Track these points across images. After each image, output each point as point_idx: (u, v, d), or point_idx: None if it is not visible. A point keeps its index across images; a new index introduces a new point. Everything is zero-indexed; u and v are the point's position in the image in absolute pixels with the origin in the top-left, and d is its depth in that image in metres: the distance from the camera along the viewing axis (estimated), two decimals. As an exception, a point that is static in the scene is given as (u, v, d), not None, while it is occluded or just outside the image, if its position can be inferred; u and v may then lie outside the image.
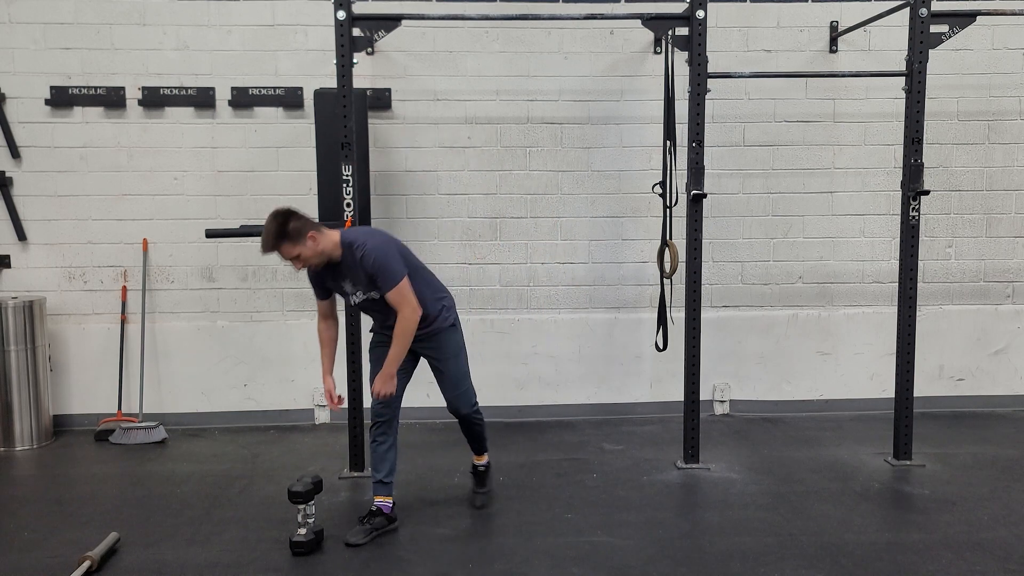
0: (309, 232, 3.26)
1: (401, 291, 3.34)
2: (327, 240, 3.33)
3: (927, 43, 4.20)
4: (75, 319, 5.17)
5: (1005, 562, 3.28)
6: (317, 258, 3.32)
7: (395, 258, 3.35)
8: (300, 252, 3.26)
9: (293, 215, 3.26)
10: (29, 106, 5.03)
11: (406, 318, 3.36)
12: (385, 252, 3.33)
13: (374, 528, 3.56)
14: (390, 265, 3.31)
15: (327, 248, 3.33)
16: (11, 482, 4.35)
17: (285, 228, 3.22)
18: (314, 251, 3.29)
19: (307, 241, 3.26)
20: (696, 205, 4.22)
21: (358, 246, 3.32)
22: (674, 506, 3.94)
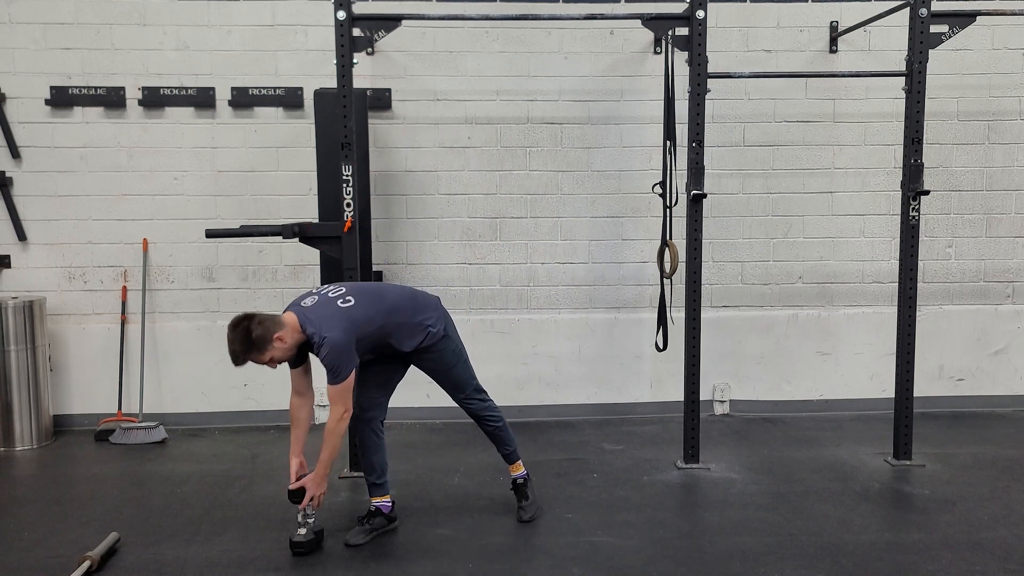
0: (275, 335, 3.20)
1: (339, 391, 3.26)
2: (291, 334, 3.24)
3: (927, 43, 4.20)
4: (75, 319, 5.17)
5: (1005, 562, 3.28)
6: (290, 353, 3.29)
7: (347, 355, 3.25)
8: (272, 356, 3.23)
9: (252, 322, 3.18)
10: (29, 106, 5.03)
11: (335, 417, 3.29)
12: (339, 350, 3.22)
13: (374, 528, 3.55)
14: (340, 363, 3.23)
15: (295, 340, 3.26)
16: (11, 482, 4.35)
17: (250, 340, 3.17)
18: (284, 351, 3.25)
19: (274, 343, 3.20)
20: (696, 205, 4.22)
21: (317, 338, 3.23)
22: (674, 506, 3.94)
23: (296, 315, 3.30)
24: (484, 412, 3.70)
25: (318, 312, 3.30)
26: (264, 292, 5.23)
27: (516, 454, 3.78)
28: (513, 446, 3.77)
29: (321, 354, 3.25)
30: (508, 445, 3.76)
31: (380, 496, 3.62)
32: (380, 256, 5.20)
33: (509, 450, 3.76)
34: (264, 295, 5.23)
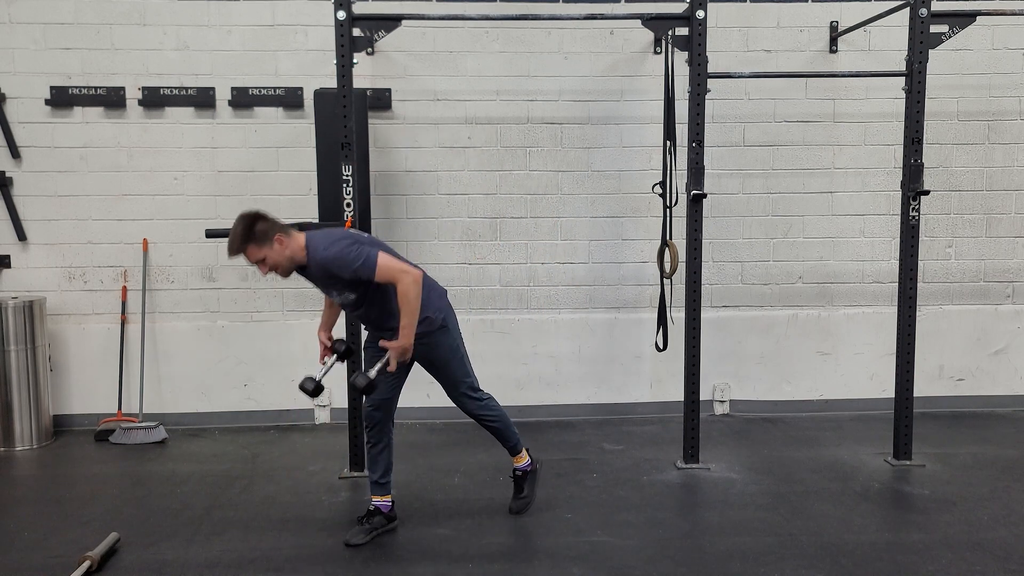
0: (276, 235, 3.16)
1: (384, 267, 3.19)
2: (294, 243, 3.20)
3: (927, 43, 4.20)
4: (75, 319, 5.17)
5: (1005, 562, 3.28)
6: (285, 262, 3.21)
7: (358, 247, 3.20)
8: (266, 255, 3.16)
9: (261, 217, 3.18)
10: (29, 106, 5.03)
11: (405, 285, 3.19)
12: (347, 249, 3.18)
13: (373, 528, 3.55)
14: (361, 257, 3.17)
15: (294, 252, 3.21)
16: (11, 482, 4.35)
17: (252, 230, 3.13)
18: (280, 255, 3.18)
19: (274, 244, 3.16)
20: (696, 205, 4.22)
21: (322, 250, 3.19)
22: (674, 506, 3.94)
23: (305, 236, 3.27)
24: (479, 411, 3.68)
25: (326, 232, 3.33)
26: (264, 292, 5.23)
27: (519, 447, 3.78)
28: (514, 440, 3.76)
29: (334, 267, 3.17)
30: (508, 440, 3.76)
31: (381, 496, 3.62)
32: (380, 256, 5.19)
33: (510, 444, 3.77)
34: (264, 295, 5.23)
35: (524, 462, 3.81)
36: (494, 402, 3.73)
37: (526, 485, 3.81)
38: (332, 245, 3.21)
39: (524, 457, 3.81)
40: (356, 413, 4.27)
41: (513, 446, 3.78)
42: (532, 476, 3.83)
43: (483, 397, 3.69)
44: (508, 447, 3.78)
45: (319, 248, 3.20)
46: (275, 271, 3.22)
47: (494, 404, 3.72)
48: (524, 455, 3.81)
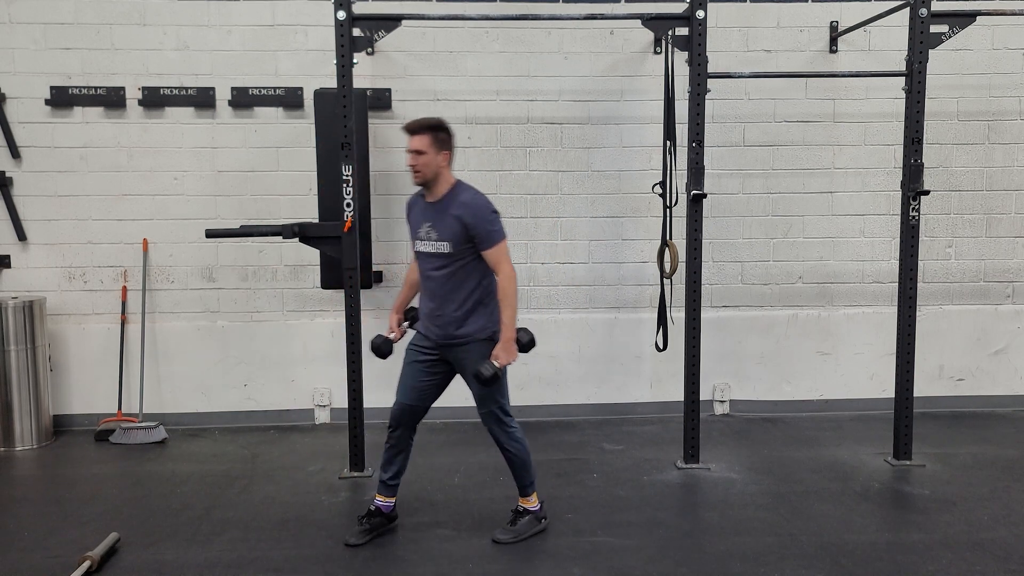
0: (445, 151, 3.34)
1: (499, 252, 3.32)
2: (447, 171, 3.37)
3: (927, 43, 4.20)
4: (75, 319, 5.17)
5: (1005, 562, 3.28)
6: (432, 172, 3.32)
7: (498, 220, 3.35)
8: (428, 153, 3.29)
9: (450, 131, 3.37)
10: (29, 106, 5.03)
11: (506, 277, 3.31)
12: (491, 211, 3.32)
13: (372, 528, 3.54)
14: (495, 223, 3.32)
15: (442, 175, 3.35)
16: (11, 482, 4.35)
17: (438, 130, 3.32)
18: (436, 164, 3.32)
19: (440, 154, 3.32)
20: (696, 205, 4.22)
21: (470, 198, 3.32)
22: (674, 506, 3.94)
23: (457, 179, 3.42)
24: (501, 437, 3.50)
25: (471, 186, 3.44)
26: (264, 292, 5.23)
27: (531, 489, 3.58)
28: (529, 481, 3.56)
29: (472, 215, 3.27)
30: (522, 479, 3.56)
31: (386, 496, 3.59)
32: (380, 256, 5.20)
33: (523, 483, 3.57)
34: (264, 295, 5.23)
35: (531, 505, 3.59)
36: (520, 434, 3.54)
37: (522, 523, 3.56)
38: (483, 198, 3.36)
39: (533, 501, 3.60)
40: (356, 414, 4.27)
41: (525, 486, 3.58)
42: (533, 521, 3.57)
43: (511, 425, 3.51)
44: (519, 484, 3.58)
45: (468, 190, 3.37)
46: (420, 171, 3.32)
47: (520, 436, 3.53)
48: (534, 499, 3.60)
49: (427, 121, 3.35)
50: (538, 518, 3.60)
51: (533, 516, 3.58)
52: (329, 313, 5.23)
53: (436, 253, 3.35)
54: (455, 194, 3.33)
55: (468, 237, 3.29)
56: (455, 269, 3.34)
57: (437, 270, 3.37)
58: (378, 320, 5.23)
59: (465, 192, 3.35)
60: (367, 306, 5.06)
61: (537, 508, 3.61)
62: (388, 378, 5.20)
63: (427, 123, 3.33)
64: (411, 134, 3.33)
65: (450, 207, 3.30)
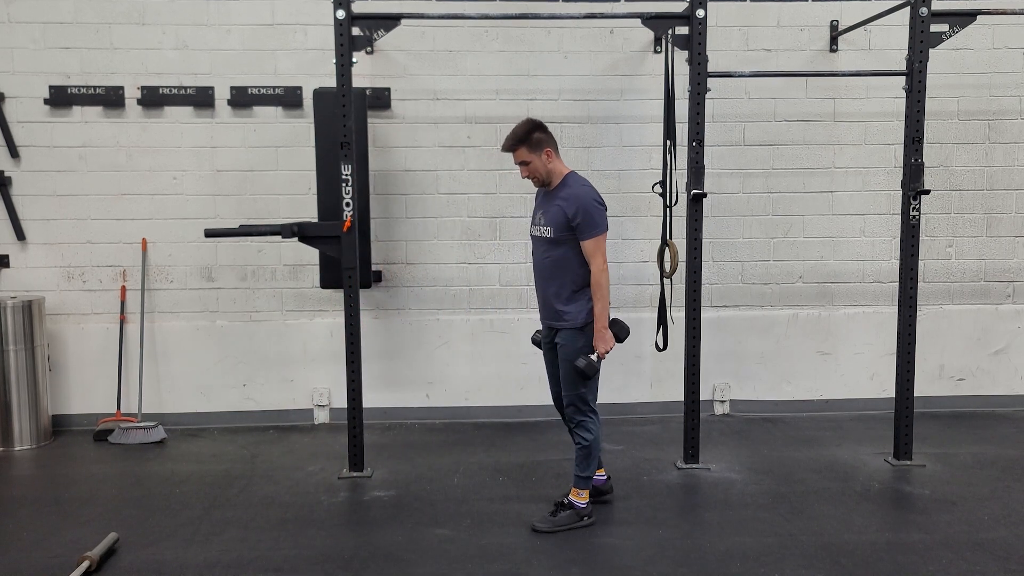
0: (546, 148, 3.53)
1: (598, 244, 3.51)
2: (557, 164, 3.58)
3: (927, 42, 4.19)
4: (74, 319, 5.16)
5: (1005, 562, 3.27)
6: (543, 174, 3.56)
7: (601, 214, 3.52)
8: (532, 161, 3.54)
9: (540, 127, 3.55)
10: (28, 106, 5.02)
11: (598, 269, 3.52)
12: (594, 204, 3.50)
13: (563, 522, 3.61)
14: (596, 216, 3.49)
15: (554, 170, 3.57)
16: (10, 482, 4.34)
17: (529, 135, 3.51)
18: (544, 166, 3.55)
19: (541, 155, 3.53)
20: (696, 205, 4.21)
21: (575, 191, 3.50)
22: (674, 506, 3.93)
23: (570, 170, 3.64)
24: (574, 424, 3.64)
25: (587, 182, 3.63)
26: (263, 292, 5.22)
27: (584, 484, 3.63)
28: (585, 474, 3.62)
29: (575, 208, 3.47)
30: (580, 470, 3.62)
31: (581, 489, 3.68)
32: (379, 256, 5.19)
33: (579, 475, 3.63)
34: (263, 295, 5.23)
35: (580, 501, 3.63)
36: (595, 428, 3.63)
37: (563, 515, 3.61)
38: (589, 190, 3.55)
39: (584, 497, 3.64)
40: (355, 414, 4.26)
41: (580, 479, 3.63)
42: (574, 516, 3.61)
43: (589, 415, 3.62)
44: (575, 475, 3.64)
45: (579, 182, 3.58)
46: (532, 177, 3.60)
47: (594, 429, 3.62)
48: (585, 496, 3.64)
49: (515, 134, 3.54)
50: (580, 515, 3.63)
51: (575, 512, 3.63)
52: (328, 313, 5.23)
53: (542, 237, 3.62)
54: (564, 185, 3.57)
55: (569, 226, 3.51)
56: (558, 255, 3.57)
57: (544, 254, 3.63)
58: (377, 320, 5.23)
59: (573, 183, 3.57)
60: (366, 306, 5.06)
61: (584, 505, 3.64)
62: (388, 378, 5.24)
63: (516, 136, 3.54)
64: (509, 152, 3.59)
65: (557, 196, 3.56)
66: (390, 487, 4.13)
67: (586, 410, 3.62)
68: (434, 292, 5.28)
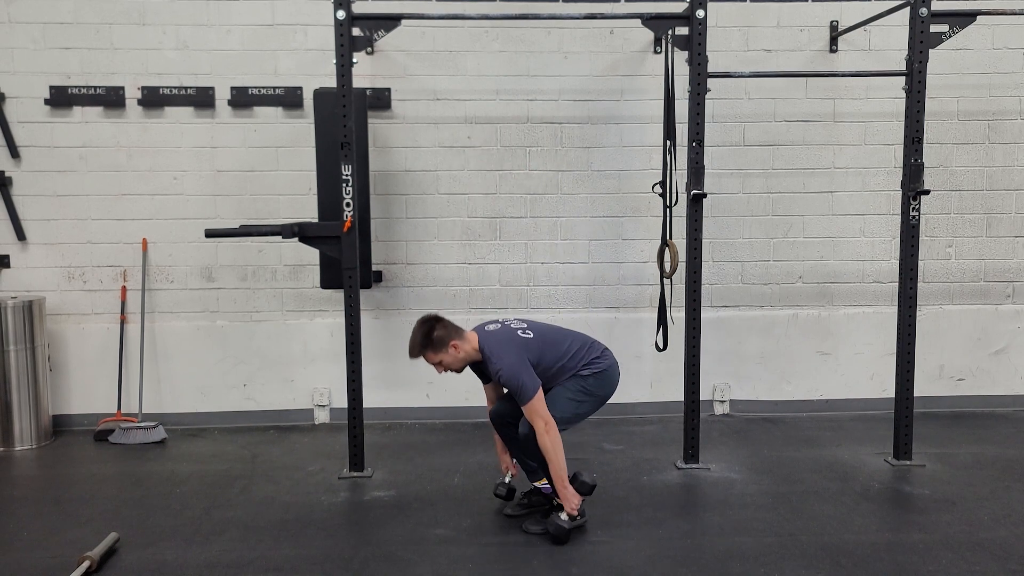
0: (451, 341, 3.50)
1: (531, 409, 3.42)
2: (467, 346, 3.53)
3: (927, 43, 4.19)
4: (74, 319, 5.16)
5: (1005, 562, 3.27)
6: (459, 364, 3.55)
7: (525, 374, 3.42)
8: (442, 359, 3.52)
9: (438, 324, 3.51)
10: (28, 106, 5.02)
11: (540, 433, 3.41)
12: (515, 371, 3.41)
13: (531, 504, 3.74)
14: (521, 383, 3.40)
15: (468, 354, 3.54)
16: (10, 482, 4.34)
17: (429, 337, 3.49)
18: (455, 358, 3.52)
19: (449, 349, 3.50)
20: (696, 205, 4.22)
21: (494, 360, 3.46)
22: (674, 506, 3.93)
23: (477, 334, 3.57)
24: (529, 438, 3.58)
25: (497, 336, 3.56)
26: (263, 292, 5.23)
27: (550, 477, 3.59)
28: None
29: (501, 378, 3.45)
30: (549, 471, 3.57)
31: (539, 480, 3.73)
32: (380, 256, 5.20)
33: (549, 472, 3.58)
34: (263, 295, 5.23)
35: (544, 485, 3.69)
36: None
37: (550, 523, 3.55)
38: (502, 359, 3.45)
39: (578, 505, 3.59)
40: (355, 414, 4.27)
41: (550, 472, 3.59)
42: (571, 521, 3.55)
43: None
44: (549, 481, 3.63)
45: (494, 351, 3.48)
46: (451, 370, 3.58)
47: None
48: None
49: (413, 343, 3.51)
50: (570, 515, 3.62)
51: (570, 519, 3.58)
52: (328, 313, 5.23)
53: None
54: (486, 357, 3.50)
55: None
56: None
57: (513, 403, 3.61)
58: (378, 320, 5.24)
59: (490, 353, 3.49)
60: (366, 306, 5.06)
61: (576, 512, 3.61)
62: (388, 378, 5.24)
63: (415, 344, 3.51)
64: (416, 359, 3.55)
65: (490, 366, 3.50)
66: (390, 487, 4.13)
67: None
68: (434, 292, 5.28)
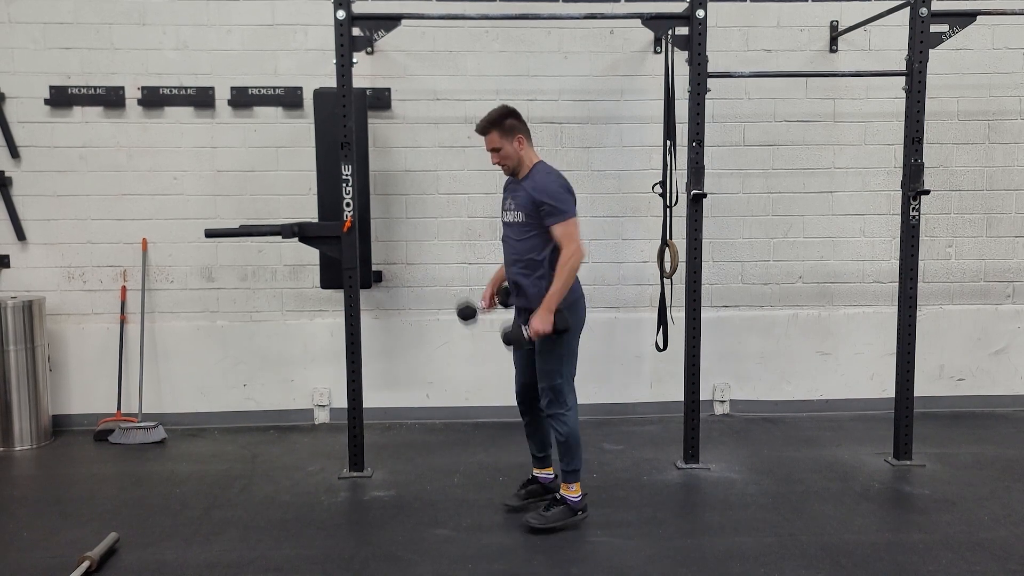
0: (519, 135, 3.52)
1: (566, 228, 3.43)
2: (528, 153, 3.57)
3: (927, 43, 4.19)
4: (74, 319, 5.16)
5: (1005, 562, 3.27)
6: (513, 161, 3.55)
7: (568, 199, 3.47)
8: (503, 147, 3.52)
9: (514, 114, 3.54)
10: (28, 106, 5.02)
11: (571, 254, 3.42)
12: (561, 190, 3.46)
13: (529, 494, 3.79)
14: (561, 201, 3.44)
15: (524, 158, 3.56)
16: (10, 482, 4.34)
17: (503, 120, 3.50)
18: (515, 152, 3.53)
19: (513, 141, 3.52)
20: (696, 205, 4.22)
21: (542, 180, 3.49)
22: (674, 506, 3.93)
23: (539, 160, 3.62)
24: (549, 416, 3.59)
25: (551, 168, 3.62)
26: (263, 292, 5.23)
27: (573, 477, 3.59)
28: (572, 468, 3.58)
29: (544, 195, 3.45)
30: (566, 465, 3.58)
31: (541, 469, 3.81)
32: (380, 256, 5.20)
33: (565, 470, 3.60)
34: (264, 295, 5.23)
35: (572, 495, 3.60)
36: (573, 420, 3.57)
37: (556, 511, 3.58)
38: (555, 177, 3.54)
39: (575, 491, 3.61)
40: (356, 414, 4.27)
41: (567, 473, 3.60)
42: (567, 511, 3.59)
43: (563, 408, 3.55)
44: (563, 470, 3.61)
45: (545, 170, 3.56)
46: (503, 163, 3.57)
47: (570, 422, 3.55)
48: (576, 489, 3.61)
49: (490, 116, 3.53)
50: (574, 510, 3.61)
51: (568, 507, 3.60)
52: (328, 313, 5.23)
53: (514, 223, 3.59)
54: (533, 173, 3.55)
55: (538, 212, 3.47)
56: (527, 237, 3.54)
57: (516, 237, 3.60)
58: (378, 320, 5.23)
59: (541, 171, 3.55)
60: (366, 306, 5.06)
61: (577, 499, 3.62)
62: (388, 378, 5.24)
63: (490, 118, 3.52)
64: (481, 135, 3.55)
65: (527, 183, 3.53)
66: (390, 487, 4.13)
67: (562, 401, 3.55)
68: (434, 292, 5.28)
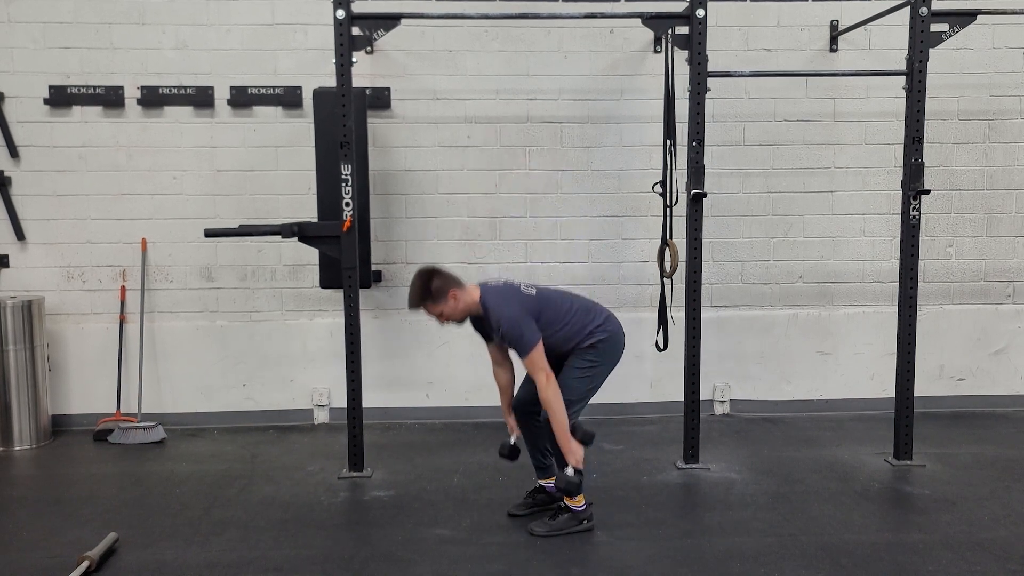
0: (450, 291, 3.43)
1: (531, 361, 3.41)
2: (468, 298, 3.48)
3: (927, 42, 4.19)
4: (74, 319, 5.16)
5: (1005, 562, 3.27)
6: (459, 315, 3.50)
7: (525, 326, 3.40)
8: (442, 310, 3.46)
9: (436, 275, 3.45)
10: (28, 105, 5.02)
11: (542, 386, 3.40)
12: (515, 322, 3.39)
13: (536, 503, 3.76)
14: (521, 334, 3.39)
15: (468, 306, 3.48)
16: (10, 482, 4.34)
17: (428, 287, 3.42)
18: (455, 309, 3.46)
19: (448, 300, 3.43)
20: (696, 204, 4.21)
21: (494, 313, 3.42)
22: (674, 506, 3.93)
23: (480, 288, 3.53)
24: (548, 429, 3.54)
25: (499, 290, 3.53)
26: (263, 292, 5.22)
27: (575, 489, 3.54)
28: None
29: (501, 330, 3.41)
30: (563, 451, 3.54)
31: (547, 478, 3.74)
32: (379, 256, 5.19)
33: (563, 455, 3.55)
34: (263, 295, 5.22)
35: (575, 505, 3.58)
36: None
37: (561, 519, 3.58)
38: (504, 309, 3.43)
39: (578, 501, 3.57)
40: (355, 414, 4.26)
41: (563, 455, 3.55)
42: (572, 520, 3.58)
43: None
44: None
45: (495, 302, 3.45)
46: (451, 321, 3.52)
47: None
48: (579, 499, 3.57)
49: (412, 293, 3.46)
50: (579, 519, 3.59)
51: (573, 515, 3.59)
52: (328, 313, 5.23)
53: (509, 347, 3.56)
54: (486, 311, 3.46)
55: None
56: None
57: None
58: (377, 320, 5.23)
59: (491, 304, 3.45)
60: (366, 306, 5.06)
61: (581, 508, 3.60)
62: (388, 378, 5.24)
63: (415, 295, 3.45)
64: (416, 310, 3.50)
65: (487, 318, 3.47)
66: (390, 487, 4.13)
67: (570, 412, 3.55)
68: (434, 292, 5.27)
